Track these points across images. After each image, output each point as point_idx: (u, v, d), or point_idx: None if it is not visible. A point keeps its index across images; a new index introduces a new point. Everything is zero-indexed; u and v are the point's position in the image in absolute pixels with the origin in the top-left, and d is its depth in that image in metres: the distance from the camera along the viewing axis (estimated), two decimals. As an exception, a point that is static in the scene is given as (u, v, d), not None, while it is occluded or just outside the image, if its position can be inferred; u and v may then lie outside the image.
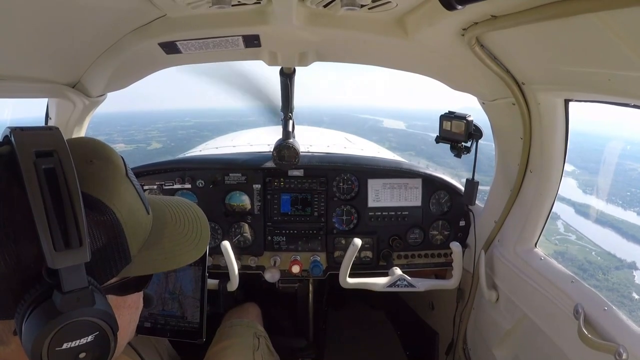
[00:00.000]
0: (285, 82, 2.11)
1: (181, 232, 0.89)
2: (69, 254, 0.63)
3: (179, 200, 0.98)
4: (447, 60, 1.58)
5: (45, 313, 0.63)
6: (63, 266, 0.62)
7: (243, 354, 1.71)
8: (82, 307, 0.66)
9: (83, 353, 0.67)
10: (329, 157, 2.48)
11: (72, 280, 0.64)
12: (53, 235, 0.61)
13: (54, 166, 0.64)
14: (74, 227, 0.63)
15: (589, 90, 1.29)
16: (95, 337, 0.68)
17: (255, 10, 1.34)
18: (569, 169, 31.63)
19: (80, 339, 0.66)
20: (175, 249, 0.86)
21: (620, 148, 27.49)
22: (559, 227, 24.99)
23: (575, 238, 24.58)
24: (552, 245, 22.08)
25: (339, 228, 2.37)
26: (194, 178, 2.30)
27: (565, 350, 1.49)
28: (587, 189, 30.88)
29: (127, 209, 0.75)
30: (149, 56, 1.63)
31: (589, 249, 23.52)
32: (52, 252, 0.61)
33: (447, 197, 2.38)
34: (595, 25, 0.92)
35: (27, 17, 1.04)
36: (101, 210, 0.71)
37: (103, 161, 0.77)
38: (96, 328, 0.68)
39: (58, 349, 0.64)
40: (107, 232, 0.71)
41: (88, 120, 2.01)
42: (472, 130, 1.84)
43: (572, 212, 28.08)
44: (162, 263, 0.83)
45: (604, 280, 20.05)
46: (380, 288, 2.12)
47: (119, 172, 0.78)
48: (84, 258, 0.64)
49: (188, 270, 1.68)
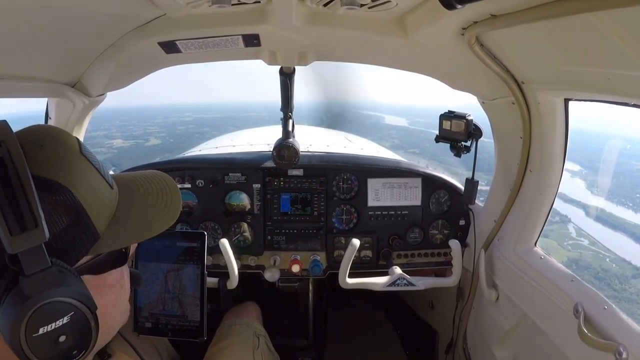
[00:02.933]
0: (285, 81, 2.11)
1: (150, 201, 0.90)
2: (25, 236, 0.63)
3: (147, 172, 0.98)
4: (447, 59, 1.58)
5: (15, 300, 0.64)
6: (22, 249, 0.63)
7: (243, 353, 1.72)
8: (50, 288, 0.66)
9: (63, 336, 0.68)
10: (329, 157, 2.48)
11: (32, 262, 0.64)
12: (7, 221, 0.62)
13: (1, 155, 0.65)
14: (27, 209, 0.63)
15: (588, 89, 1.29)
16: (71, 318, 0.68)
17: (255, 10, 1.34)
18: (575, 168, 30.49)
19: (55, 321, 0.66)
20: (146, 219, 0.87)
21: (628, 148, 26.93)
22: (571, 231, 24.00)
23: (588, 243, 23.21)
24: (565, 251, 21.18)
25: (339, 227, 2.37)
26: (194, 178, 2.29)
27: (565, 349, 1.49)
28: (595, 189, 29.67)
29: (85, 186, 0.76)
30: (149, 56, 1.63)
31: (602, 255, 22.08)
32: (9, 237, 0.62)
33: (447, 196, 2.38)
34: (595, 24, 0.92)
35: (27, 16, 1.04)
36: (57, 191, 0.71)
37: (54, 143, 0.77)
38: (70, 308, 0.68)
39: (35, 335, 0.65)
40: (68, 211, 0.72)
41: (88, 120, 2.01)
42: (472, 130, 1.84)
43: (583, 214, 26.87)
44: (133, 235, 0.84)
45: (621, 290, 18.94)
46: (380, 287, 2.12)
47: (73, 151, 0.79)
48: (41, 238, 0.64)
49: (188, 270, 1.69)
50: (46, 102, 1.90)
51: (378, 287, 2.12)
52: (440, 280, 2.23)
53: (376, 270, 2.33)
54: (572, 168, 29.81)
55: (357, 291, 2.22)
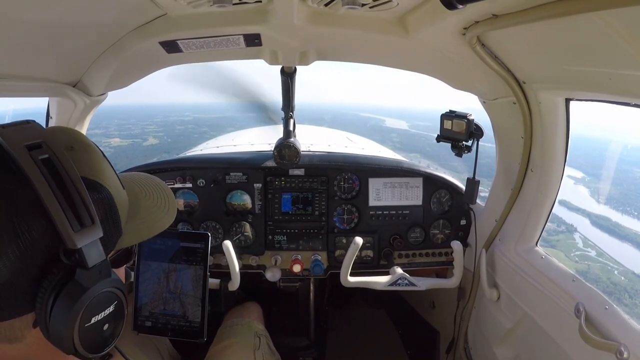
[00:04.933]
0: (286, 81, 2.11)
1: (152, 201, 0.96)
2: (85, 232, 0.67)
3: (138, 174, 1.04)
4: (448, 59, 1.58)
5: (73, 293, 0.67)
6: (84, 244, 0.66)
7: (244, 353, 1.72)
8: (104, 279, 0.71)
9: (106, 324, 0.73)
10: (330, 157, 2.48)
11: (94, 255, 0.69)
12: (68, 218, 0.65)
13: (49, 156, 0.68)
14: (83, 208, 0.68)
15: (590, 89, 1.29)
16: (115, 306, 0.74)
17: (256, 9, 1.34)
18: (578, 175, 29.78)
19: (105, 310, 0.72)
20: (152, 217, 0.93)
21: (632, 155, 26.40)
22: (577, 241, 23.49)
23: (595, 254, 22.91)
24: (572, 263, 20.72)
25: (340, 227, 2.37)
26: (195, 177, 2.30)
27: (566, 349, 1.49)
28: (600, 197, 29.12)
29: (113, 185, 0.80)
30: (150, 55, 1.63)
31: (611, 268, 21.59)
32: (71, 232, 0.65)
33: (448, 196, 2.38)
34: (597, 24, 0.92)
35: (28, 16, 1.04)
36: (98, 189, 0.76)
37: (81, 145, 0.81)
38: (115, 297, 0.74)
39: (87, 325, 0.69)
40: (105, 208, 0.76)
41: (89, 119, 2.01)
42: (473, 129, 1.84)
43: (588, 223, 26.29)
44: (145, 231, 0.90)
45: (632, 305, 18.31)
46: (381, 287, 2.12)
47: (98, 154, 0.84)
48: (98, 234, 0.69)
49: (189, 270, 1.69)
50: (47, 102, 1.90)
51: (379, 287, 2.12)
52: (442, 281, 2.23)
53: (377, 270, 2.33)
54: (576, 175, 29.31)
55: (358, 291, 2.22)
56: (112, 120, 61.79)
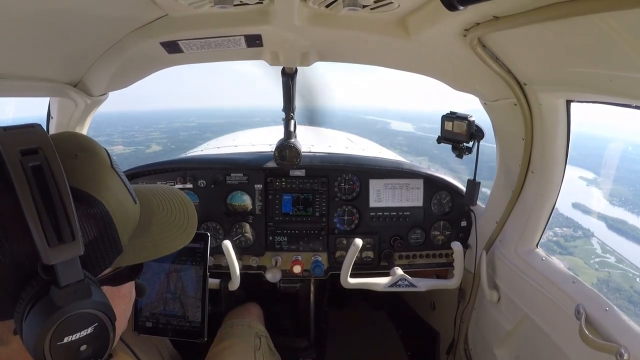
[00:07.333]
0: (287, 82, 2.11)
1: (169, 218, 0.90)
2: (62, 248, 0.63)
3: (164, 187, 0.99)
4: (449, 60, 1.58)
5: (45, 309, 0.64)
6: (58, 261, 0.63)
7: (244, 354, 1.72)
8: (80, 299, 0.66)
9: (84, 345, 0.68)
10: (330, 157, 2.48)
11: (68, 274, 0.65)
12: (46, 232, 0.62)
13: (40, 163, 0.64)
14: (65, 222, 0.64)
15: (590, 91, 1.29)
16: (95, 329, 0.69)
17: (257, 10, 1.34)
18: (589, 176, 28.71)
19: (80, 331, 0.67)
20: (165, 235, 0.87)
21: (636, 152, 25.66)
22: (595, 246, 22.37)
23: (615, 260, 21.61)
24: (592, 270, 19.67)
25: (340, 228, 2.37)
26: (196, 178, 2.30)
27: (566, 351, 1.49)
28: (613, 199, 27.67)
29: (115, 200, 0.76)
30: (151, 55, 1.63)
31: (632, 275, 20.25)
32: (46, 247, 0.62)
33: (448, 197, 2.38)
34: (598, 26, 0.92)
35: (29, 16, 1.05)
36: (90, 203, 0.71)
37: (88, 154, 0.77)
38: (95, 319, 0.69)
39: (59, 343, 0.65)
40: (98, 224, 0.72)
41: (90, 120, 2.01)
42: (474, 131, 1.84)
43: (605, 227, 25.06)
44: (152, 250, 0.84)
45: None
46: (382, 288, 2.12)
47: (105, 164, 0.79)
48: (77, 251, 0.65)
49: (189, 270, 1.69)
50: (48, 102, 1.90)
51: (379, 288, 2.12)
52: (442, 282, 2.23)
53: (377, 271, 2.33)
54: (587, 176, 28.58)
55: (358, 292, 2.22)
56: (115, 127, 61.61)
